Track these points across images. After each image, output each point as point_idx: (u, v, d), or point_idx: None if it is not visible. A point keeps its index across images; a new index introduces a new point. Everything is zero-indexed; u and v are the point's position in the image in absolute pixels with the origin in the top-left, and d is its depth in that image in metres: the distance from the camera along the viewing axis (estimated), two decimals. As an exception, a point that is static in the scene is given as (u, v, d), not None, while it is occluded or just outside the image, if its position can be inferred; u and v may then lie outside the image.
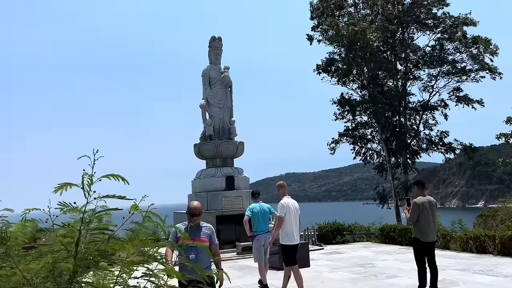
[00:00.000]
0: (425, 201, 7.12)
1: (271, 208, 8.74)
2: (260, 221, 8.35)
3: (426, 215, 7.03)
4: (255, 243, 8.37)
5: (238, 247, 13.49)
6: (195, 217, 4.74)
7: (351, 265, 10.69)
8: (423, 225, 7.04)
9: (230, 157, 15.60)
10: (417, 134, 25.63)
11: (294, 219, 7.42)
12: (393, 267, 10.12)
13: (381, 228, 15.76)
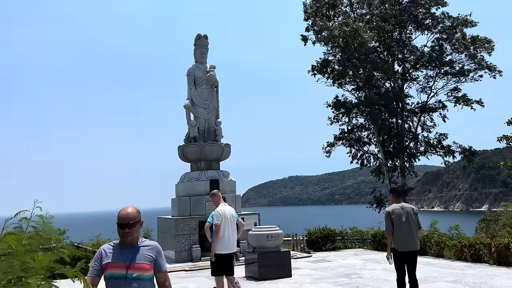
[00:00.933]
0: (397, 209, 6.75)
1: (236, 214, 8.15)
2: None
3: (399, 223, 6.65)
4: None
5: (220, 254, 12.82)
6: (128, 231, 3.15)
7: (336, 275, 10.01)
8: (398, 234, 6.67)
9: (215, 160, 14.97)
10: (415, 137, 24.91)
11: (230, 227, 7.22)
12: (380, 278, 9.44)
13: (373, 234, 15.07)
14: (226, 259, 7.22)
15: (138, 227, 3.25)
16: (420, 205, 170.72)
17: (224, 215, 7.29)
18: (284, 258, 10.15)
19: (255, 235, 10.16)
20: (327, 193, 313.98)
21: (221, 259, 7.22)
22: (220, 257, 7.21)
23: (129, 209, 3.26)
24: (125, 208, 3.28)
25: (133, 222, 3.18)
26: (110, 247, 3.27)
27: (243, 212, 14.63)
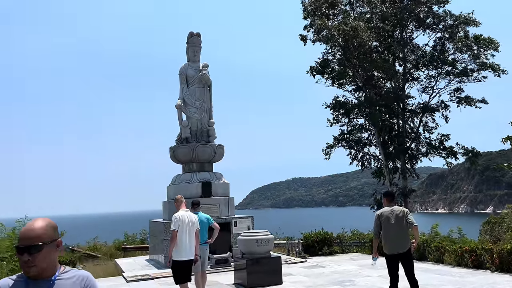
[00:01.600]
0: (386, 211, 6.79)
1: (210, 218, 8.54)
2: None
3: (387, 227, 6.69)
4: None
5: (211, 259, 12.36)
6: (28, 258, 2.08)
7: (329, 283, 9.53)
8: (385, 237, 6.77)
9: (208, 162, 14.52)
10: (417, 138, 24.39)
11: (188, 234, 7.13)
12: (374, 286, 8.95)
13: (371, 239, 14.54)
14: (185, 266, 7.11)
15: (50, 251, 2.14)
16: (424, 207, 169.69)
17: (181, 221, 7.18)
18: (274, 264, 9.68)
19: (243, 240, 9.70)
20: (330, 195, 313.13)
21: (180, 266, 7.11)
22: (178, 264, 7.12)
23: (36, 224, 2.16)
24: (31, 223, 2.19)
25: (38, 244, 2.08)
26: (10, 282, 2.16)
27: (237, 216, 14.17)
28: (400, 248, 6.64)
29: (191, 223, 7.31)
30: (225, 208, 13.98)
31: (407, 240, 6.73)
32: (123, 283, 10.79)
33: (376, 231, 6.83)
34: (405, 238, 6.70)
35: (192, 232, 7.27)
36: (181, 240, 7.11)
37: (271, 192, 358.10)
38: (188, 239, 7.18)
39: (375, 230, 6.87)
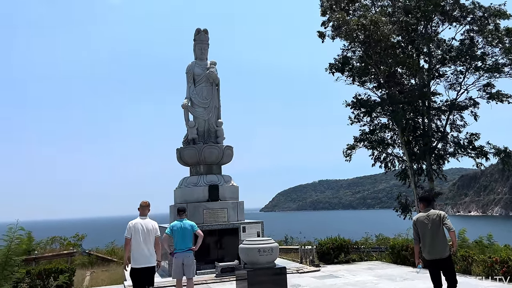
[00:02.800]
0: (422, 217, 6.82)
1: (194, 226, 8.60)
2: (180, 239, 8.25)
3: (423, 232, 6.73)
4: (174, 261, 8.28)
5: (217, 267, 11.66)
6: None
7: (339, 297, 8.62)
8: (423, 243, 6.79)
9: (216, 164, 13.82)
10: (443, 137, 22.95)
11: (143, 241, 7.17)
12: (389, 302, 7.98)
13: (392, 246, 13.49)
14: (142, 274, 7.20)
15: None
16: (456, 210, 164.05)
17: (134, 228, 7.29)
18: (279, 275, 8.83)
19: (244, 249, 8.90)
20: (358, 197, 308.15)
21: (137, 273, 7.22)
22: (134, 271, 7.25)
23: None
24: None
25: None
26: None
27: (246, 221, 13.39)
28: (438, 253, 6.61)
29: (146, 231, 7.33)
30: (234, 213, 13.24)
31: (445, 245, 6.68)
32: (122, 293, 10.20)
33: (416, 237, 6.83)
34: (443, 243, 6.67)
35: (149, 239, 7.30)
36: (136, 248, 7.18)
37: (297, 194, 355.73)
38: (144, 246, 7.23)
39: (414, 236, 6.89)
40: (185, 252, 8.27)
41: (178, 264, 8.25)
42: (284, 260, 14.23)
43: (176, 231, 8.37)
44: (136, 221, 7.48)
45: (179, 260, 8.26)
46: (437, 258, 6.61)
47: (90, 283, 12.45)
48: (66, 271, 10.85)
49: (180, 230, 8.36)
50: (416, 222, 6.86)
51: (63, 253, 19.31)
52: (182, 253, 8.25)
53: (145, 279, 7.29)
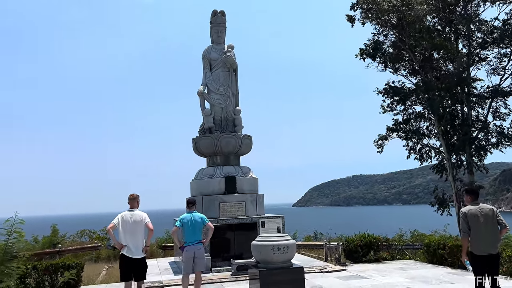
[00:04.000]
0: (474, 209, 6.43)
1: (204, 218, 8.26)
2: (190, 231, 7.99)
3: (475, 225, 6.35)
4: (184, 254, 8.01)
5: (232, 265, 10.81)
6: None
7: (364, 301, 7.56)
8: (474, 236, 6.37)
9: (233, 154, 12.96)
10: (485, 126, 21.14)
11: (130, 233, 7.14)
12: (422, 310, 6.86)
13: (427, 244, 12.22)
14: (129, 263, 7.21)
15: None
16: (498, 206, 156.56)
17: (121, 220, 7.28)
18: (296, 276, 7.87)
19: (257, 246, 7.99)
20: (393, 192, 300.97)
21: (124, 261, 7.26)
22: (123, 258, 7.27)
23: None
24: None
25: None
26: None
27: (265, 215, 12.48)
28: (491, 249, 6.29)
29: (134, 223, 7.26)
30: (252, 207, 12.34)
31: (497, 241, 6.40)
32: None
33: (466, 229, 6.40)
34: (496, 238, 6.38)
35: (136, 232, 7.24)
36: (124, 239, 7.19)
37: (330, 189, 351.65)
38: (130, 239, 7.20)
39: (463, 228, 6.44)
40: (195, 244, 8.00)
41: (189, 257, 7.97)
42: (307, 258, 13.24)
43: (185, 223, 8.05)
44: (126, 213, 7.43)
45: (190, 253, 7.96)
46: (487, 254, 6.24)
47: (104, 279, 11.91)
48: (73, 267, 10.29)
49: (190, 222, 8.03)
50: (468, 215, 6.38)
51: (88, 247, 19.10)
52: (193, 246, 7.97)
53: (134, 270, 7.28)
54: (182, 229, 8.08)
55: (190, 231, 8.01)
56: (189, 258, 7.97)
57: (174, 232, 8.28)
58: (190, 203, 8.37)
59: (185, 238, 8.07)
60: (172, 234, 8.33)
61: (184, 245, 8.04)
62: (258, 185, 13.09)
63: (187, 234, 8.04)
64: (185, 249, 8.00)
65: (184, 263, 8.05)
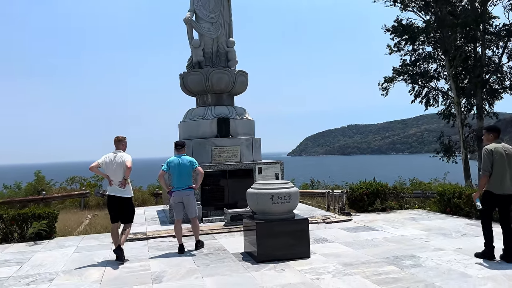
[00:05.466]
0: (500, 148, 6.11)
1: (194, 162, 7.56)
2: (177, 176, 7.39)
3: (501, 164, 6.03)
4: (172, 200, 7.52)
5: (226, 215, 9.65)
6: None
7: (378, 259, 6.41)
8: (497, 175, 6.03)
9: (226, 93, 11.45)
10: (498, 68, 19.61)
11: (112, 173, 6.94)
12: (453, 271, 5.71)
13: (440, 192, 11.08)
14: (114, 203, 7.04)
15: None
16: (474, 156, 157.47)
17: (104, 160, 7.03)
18: (299, 229, 6.68)
19: (253, 195, 6.73)
20: (387, 142, 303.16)
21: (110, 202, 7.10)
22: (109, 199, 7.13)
23: None
24: None
25: None
26: None
27: (263, 161, 11.21)
28: (510, 190, 6.03)
29: (116, 165, 6.92)
30: (248, 152, 11.03)
31: None
32: (107, 244, 8.38)
33: (489, 168, 6.05)
34: None
35: (119, 173, 6.91)
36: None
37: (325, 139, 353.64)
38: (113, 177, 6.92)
39: (486, 166, 6.06)
40: (184, 190, 7.39)
41: (178, 202, 7.46)
42: (308, 207, 12.16)
43: (173, 167, 7.41)
44: (109, 154, 7.09)
45: (178, 198, 7.44)
46: (507, 194, 6.02)
47: (84, 229, 10.78)
48: (45, 217, 9.08)
49: (178, 166, 7.39)
50: (494, 152, 6.04)
51: (75, 194, 18.06)
52: (181, 191, 7.38)
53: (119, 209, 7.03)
54: (170, 173, 7.47)
55: (178, 176, 7.39)
56: (177, 204, 7.46)
57: (161, 176, 7.54)
58: (179, 146, 7.66)
59: (173, 183, 7.47)
60: (158, 178, 7.61)
61: (171, 190, 7.44)
62: (254, 128, 11.72)
63: (175, 179, 7.43)
64: (172, 194, 7.43)
65: (174, 210, 7.52)
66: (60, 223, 11.38)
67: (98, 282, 5.73)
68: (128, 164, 6.88)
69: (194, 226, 7.59)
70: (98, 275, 6.07)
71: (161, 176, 7.51)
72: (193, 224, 7.58)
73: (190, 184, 7.48)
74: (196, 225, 7.62)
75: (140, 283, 5.60)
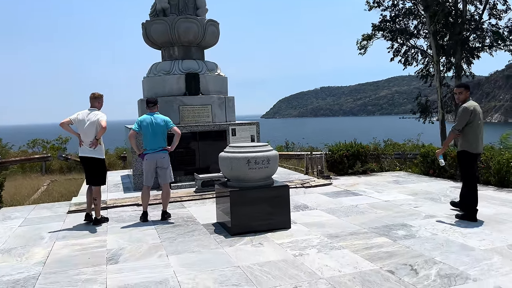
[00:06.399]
0: (478, 107, 5.97)
1: (169, 121, 6.74)
2: (150, 136, 6.59)
3: (480, 124, 5.91)
4: (144, 163, 6.71)
5: (197, 180, 8.78)
6: None
7: (369, 230, 5.73)
8: (475, 134, 5.87)
9: (195, 45, 10.28)
10: (479, 26, 18.98)
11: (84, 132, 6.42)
12: (451, 241, 5.08)
13: (423, 153, 10.53)
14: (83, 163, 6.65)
15: None
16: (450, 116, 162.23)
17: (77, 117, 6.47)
18: (278, 197, 5.88)
19: (227, 159, 5.84)
20: (359, 104, 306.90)
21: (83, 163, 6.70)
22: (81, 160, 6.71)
23: None
24: None
25: None
26: None
27: (237, 122, 10.29)
28: (482, 147, 6.18)
29: (89, 123, 6.40)
30: (221, 112, 10.06)
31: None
32: (61, 215, 7.40)
33: (461, 127, 5.93)
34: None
35: (88, 132, 6.40)
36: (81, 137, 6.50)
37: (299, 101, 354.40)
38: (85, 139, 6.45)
39: (460, 126, 5.91)
40: (158, 152, 6.58)
41: (150, 167, 6.62)
42: (284, 170, 11.45)
43: (145, 127, 6.59)
44: (83, 111, 6.55)
45: (151, 162, 6.59)
46: (480, 153, 6.07)
47: (39, 196, 9.72)
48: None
49: (151, 126, 6.57)
50: (474, 111, 5.87)
51: (35, 157, 16.81)
52: (154, 153, 6.57)
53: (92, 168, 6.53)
54: (141, 133, 6.66)
55: (151, 136, 6.57)
56: (150, 168, 6.63)
57: (132, 137, 6.62)
58: (151, 103, 6.80)
59: (145, 144, 6.65)
60: (129, 139, 6.72)
61: (143, 152, 6.65)
62: (227, 85, 10.68)
63: (147, 140, 6.60)
64: (145, 157, 6.61)
65: (145, 174, 6.70)
66: (12, 191, 10.30)
67: (41, 264, 4.81)
68: (103, 124, 6.31)
69: (166, 194, 6.74)
70: (42, 255, 5.14)
71: (132, 137, 6.62)
72: (165, 191, 6.74)
73: (165, 145, 6.67)
74: (168, 193, 6.78)
75: (92, 264, 4.71)
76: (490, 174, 8.68)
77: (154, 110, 6.75)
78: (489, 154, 8.92)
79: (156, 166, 6.61)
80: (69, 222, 6.85)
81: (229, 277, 4.12)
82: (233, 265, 4.49)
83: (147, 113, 6.73)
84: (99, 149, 6.48)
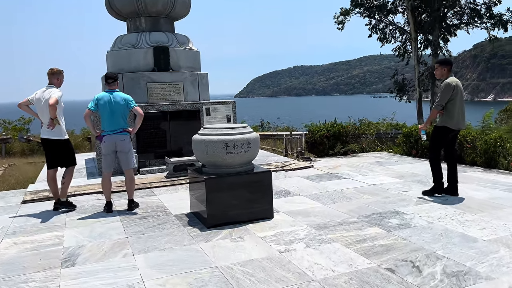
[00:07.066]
0: (459, 83, 5.87)
1: (130, 100, 5.97)
2: (108, 116, 5.83)
3: (461, 100, 5.86)
4: (102, 146, 5.98)
5: (168, 165, 8.07)
6: None
7: (359, 220, 5.23)
8: (456, 110, 5.80)
9: (164, 16, 9.40)
10: (456, 2, 18.69)
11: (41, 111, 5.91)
12: (450, 230, 4.63)
13: (406, 133, 10.14)
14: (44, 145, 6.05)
15: None
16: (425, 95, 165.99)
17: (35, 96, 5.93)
18: (259, 184, 5.28)
19: (201, 142, 5.16)
20: (332, 83, 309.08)
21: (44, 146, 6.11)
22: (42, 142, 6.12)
23: None
24: None
25: None
26: None
27: (211, 101, 9.56)
28: (464, 124, 6.06)
29: (44, 101, 5.82)
30: (193, 89, 9.29)
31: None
32: (14, 205, 6.58)
33: (442, 104, 5.79)
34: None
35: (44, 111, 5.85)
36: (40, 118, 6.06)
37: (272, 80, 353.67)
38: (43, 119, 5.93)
39: (442, 102, 5.77)
40: (117, 134, 5.87)
41: (108, 150, 5.91)
42: (262, 151, 10.86)
43: (102, 106, 5.85)
44: (40, 90, 6.00)
45: (110, 145, 5.88)
46: (460, 129, 6.04)
47: (-7, 184, 8.79)
48: None
49: (109, 104, 5.84)
50: (456, 87, 5.78)
51: (-8, 139, 15.62)
52: (113, 135, 5.86)
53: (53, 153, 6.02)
54: (98, 113, 5.96)
55: (109, 116, 5.85)
56: (108, 152, 5.93)
57: (87, 117, 5.83)
58: (110, 79, 6.02)
59: (103, 125, 5.91)
60: (84, 119, 5.85)
61: (101, 134, 5.94)
62: (200, 60, 9.88)
63: (105, 120, 5.88)
64: (103, 139, 5.90)
65: (103, 159, 6.02)
66: (-38, 177, 9.31)
67: (-19, 268, 4.06)
68: (51, 101, 5.60)
69: (129, 181, 6.03)
70: (-15, 257, 4.38)
71: (87, 117, 5.84)
72: (128, 178, 6.03)
73: (125, 127, 5.97)
74: (132, 180, 6.06)
75: (43, 267, 4.01)
76: (476, 155, 8.36)
77: (114, 87, 6.00)
78: (475, 134, 8.59)
79: (116, 149, 5.92)
80: (22, 214, 6.06)
81: (206, 282, 3.52)
82: (211, 265, 3.88)
83: (106, 90, 6.00)
84: (58, 130, 5.85)
